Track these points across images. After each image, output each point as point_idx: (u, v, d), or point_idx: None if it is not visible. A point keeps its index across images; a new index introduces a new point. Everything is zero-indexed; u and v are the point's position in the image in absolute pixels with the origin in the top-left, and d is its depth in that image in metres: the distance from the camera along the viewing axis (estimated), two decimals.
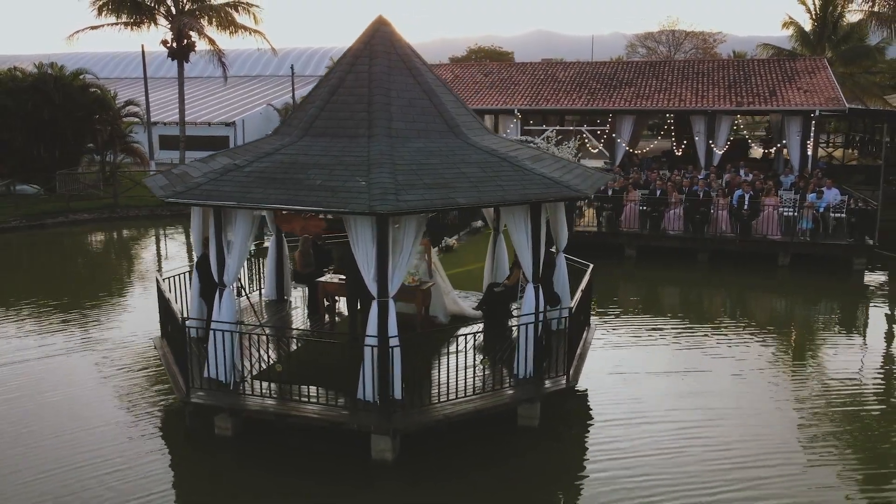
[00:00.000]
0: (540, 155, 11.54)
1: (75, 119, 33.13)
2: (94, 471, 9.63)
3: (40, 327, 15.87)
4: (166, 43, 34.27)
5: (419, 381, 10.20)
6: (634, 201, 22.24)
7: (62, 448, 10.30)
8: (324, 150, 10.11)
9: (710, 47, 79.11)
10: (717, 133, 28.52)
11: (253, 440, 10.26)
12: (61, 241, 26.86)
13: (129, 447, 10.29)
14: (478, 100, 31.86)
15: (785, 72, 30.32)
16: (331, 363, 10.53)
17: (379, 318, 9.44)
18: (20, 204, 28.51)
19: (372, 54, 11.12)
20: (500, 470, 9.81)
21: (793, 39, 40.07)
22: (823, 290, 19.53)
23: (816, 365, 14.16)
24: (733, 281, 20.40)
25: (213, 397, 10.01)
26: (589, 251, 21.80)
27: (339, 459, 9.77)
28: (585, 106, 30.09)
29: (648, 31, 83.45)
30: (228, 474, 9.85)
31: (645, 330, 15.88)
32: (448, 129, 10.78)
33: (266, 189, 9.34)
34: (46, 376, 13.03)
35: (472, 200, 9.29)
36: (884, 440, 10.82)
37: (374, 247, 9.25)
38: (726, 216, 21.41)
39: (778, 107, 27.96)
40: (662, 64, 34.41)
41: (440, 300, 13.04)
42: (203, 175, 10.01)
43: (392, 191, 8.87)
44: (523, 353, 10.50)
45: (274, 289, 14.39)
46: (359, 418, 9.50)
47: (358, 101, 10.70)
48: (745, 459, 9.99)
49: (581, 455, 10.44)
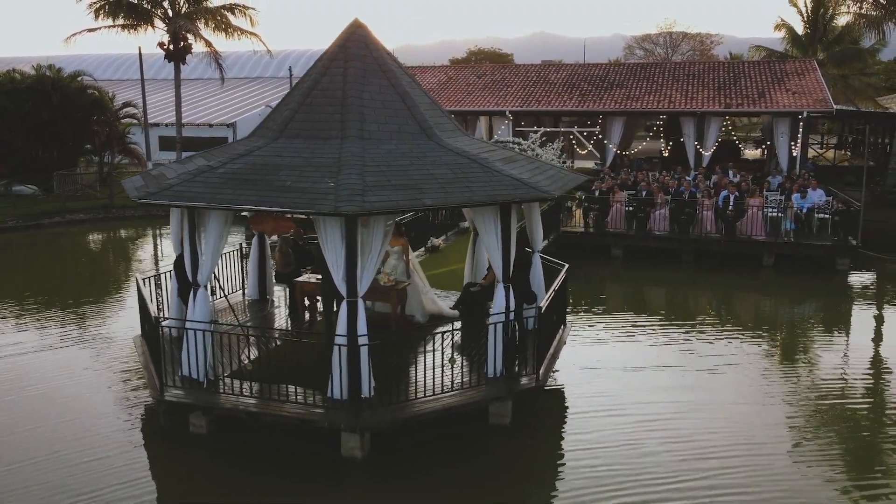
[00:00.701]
0: (513, 156, 11.57)
1: (73, 120, 33.22)
2: (64, 462, 9.80)
3: (29, 324, 15.98)
4: (163, 45, 34.31)
5: (390, 380, 10.22)
6: (621, 202, 22.26)
7: (39, 439, 10.45)
8: (297, 152, 10.15)
9: (707, 49, 79.12)
10: (707, 134, 28.52)
11: (227, 438, 10.30)
12: (57, 240, 26.94)
13: (103, 441, 10.37)
14: (470, 101, 31.89)
15: (774, 74, 30.31)
16: (305, 362, 10.57)
17: (348, 317, 9.48)
18: (17, 204, 28.61)
19: (347, 57, 11.16)
20: (469, 467, 9.85)
21: (785, 42, 40.02)
22: (806, 290, 19.53)
23: (790, 362, 14.21)
24: (717, 281, 20.42)
25: (187, 395, 10.06)
26: (576, 251, 22.00)
27: (312, 457, 9.80)
28: (576, 107, 30.11)
29: (646, 34, 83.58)
30: (202, 472, 9.92)
31: (624, 328, 15.94)
32: (420, 130, 10.81)
33: (237, 190, 9.39)
34: (31, 371, 13.17)
35: (439, 201, 9.33)
36: (849, 432, 10.94)
37: (343, 247, 9.30)
38: (712, 217, 21.43)
39: (766, 108, 27.95)
40: (653, 66, 34.40)
41: (418, 300, 13.07)
42: (177, 176, 10.07)
43: (359, 192, 8.90)
44: (493, 352, 10.52)
45: (256, 289, 14.43)
46: (328, 416, 9.53)
47: (332, 104, 10.74)
48: (709, 450, 10.22)
49: (551, 450, 10.52)
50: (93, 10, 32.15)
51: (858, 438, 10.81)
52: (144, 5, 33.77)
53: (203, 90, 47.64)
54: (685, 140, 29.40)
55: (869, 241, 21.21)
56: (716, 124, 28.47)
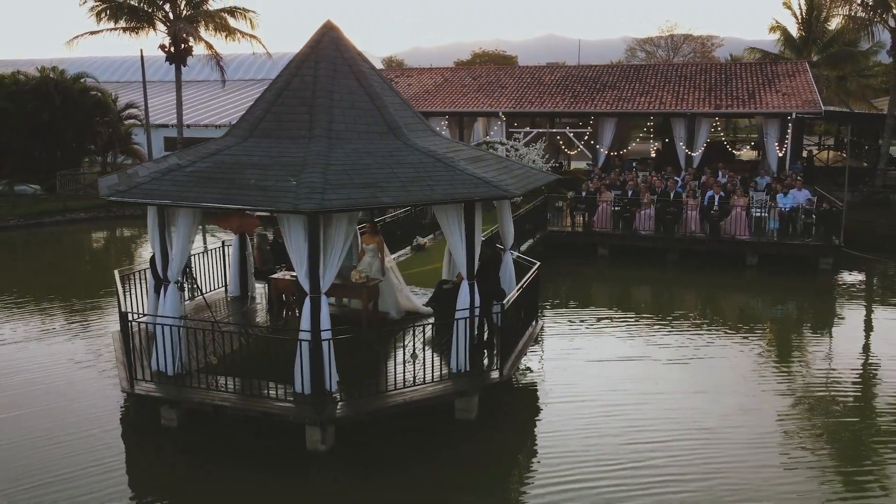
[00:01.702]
0: (481, 156, 11.64)
1: (75, 121, 33.47)
2: (32, 445, 10.15)
3: (19, 318, 16.27)
4: (164, 47, 34.53)
5: (356, 375, 10.28)
6: (607, 202, 22.26)
7: (15, 423, 10.81)
8: (264, 151, 10.24)
9: (708, 51, 78.80)
10: (696, 135, 28.47)
11: (197, 431, 10.40)
12: (56, 239, 27.18)
13: (74, 429, 10.59)
14: (465, 102, 31.95)
15: (766, 75, 30.23)
16: (276, 358, 10.64)
17: (311, 313, 9.57)
18: (18, 203, 28.85)
19: (318, 58, 11.26)
20: (433, 460, 9.95)
21: (779, 44, 39.86)
22: (788, 289, 19.50)
23: (764, 355, 14.30)
24: (701, 280, 20.39)
25: (155, 389, 10.17)
26: (563, 251, 22.06)
27: (279, 451, 9.88)
28: (568, 109, 30.12)
29: (648, 36, 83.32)
30: (169, 463, 10.04)
31: (602, 324, 16.01)
32: (389, 130, 10.89)
33: (202, 188, 9.49)
34: (14, 361, 13.51)
35: (398, 199, 9.41)
36: (806, 421, 11.12)
37: (306, 244, 9.38)
38: (697, 216, 21.41)
39: (755, 109, 27.90)
40: (646, 68, 34.37)
41: (393, 297, 13.15)
42: (148, 174, 10.18)
43: (319, 190, 8.99)
44: (458, 348, 10.59)
45: (238, 286, 14.55)
46: (291, 410, 9.62)
47: (301, 104, 10.84)
48: (663, 435, 10.52)
49: (515, 443, 10.63)
50: (94, 14, 32.36)
51: (818, 427, 10.96)
52: (145, 8, 33.98)
53: (205, 92, 47.88)
54: (676, 141, 29.38)
55: (854, 240, 21.13)
56: (706, 125, 28.42)
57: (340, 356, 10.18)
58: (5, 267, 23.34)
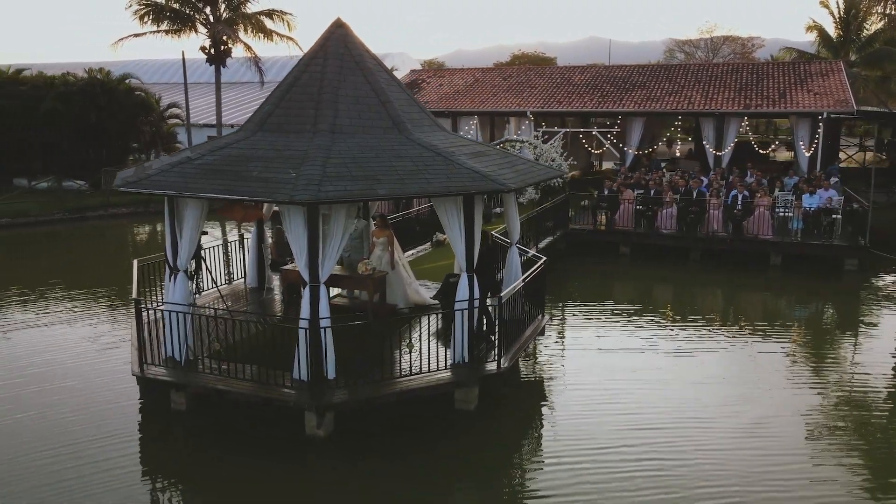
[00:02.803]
0: (485, 151, 11.64)
1: (119, 121, 34.39)
2: (48, 419, 10.64)
3: (55, 303, 16.97)
4: (205, 49, 35.23)
5: (355, 364, 10.37)
6: (630, 200, 22.01)
7: (35, 396, 11.42)
8: (270, 145, 10.42)
9: (748, 52, 77.14)
10: (725, 135, 27.94)
11: (204, 414, 10.64)
12: (100, 232, 28.06)
13: (86, 407, 11.04)
14: (494, 102, 31.92)
15: (798, 75, 29.50)
16: (283, 345, 10.80)
17: (310, 302, 9.70)
18: (64, 199, 29.80)
19: (326, 55, 11.41)
20: (429, 450, 9.98)
21: (817, 44, 38.85)
22: (811, 289, 19.04)
23: (776, 350, 14.09)
24: (721, 279, 20.02)
25: (163, 374, 10.42)
26: (584, 249, 21.91)
27: (281, 436, 10.03)
28: (596, 108, 29.84)
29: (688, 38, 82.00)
30: (176, 445, 10.31)
31: (610, 319, 15.94)
32: (392, 125, 10.97)
33: (207, 180, 9.70)
34: (46, 341, 14.26)
35: (393, 192, 9.49)
36: (788, 415, 10.97)
37: (305, 235, 9.51)
38: (719, 216, 21.04)
39: (786, 109, 27.25)
40: (677, 67, 33.85)
41: (402, 289, 13.23)
42: (159, 167, 10.45)
43: (316, 182, 9.12)
44: (457, 340, 10.61)
45: (255, 277, 14.80)
46: (290, 396, 9.77)
47: (308, 100, 10.99)
48: (648, 419, 10.73)
49: (514, 432, 10.64)
50: (137, 16, 33.21)
51: (817, 420, 10.85)
52: (187, 11, 34.72)
53: (244, 93, 48.74)
54: (704, 140, 28.91)
55: (882, 241, 20.54)
56: (735, 125, 27.86)
57: (343, 345, 10.31)
58: (49, 257, 24.15)
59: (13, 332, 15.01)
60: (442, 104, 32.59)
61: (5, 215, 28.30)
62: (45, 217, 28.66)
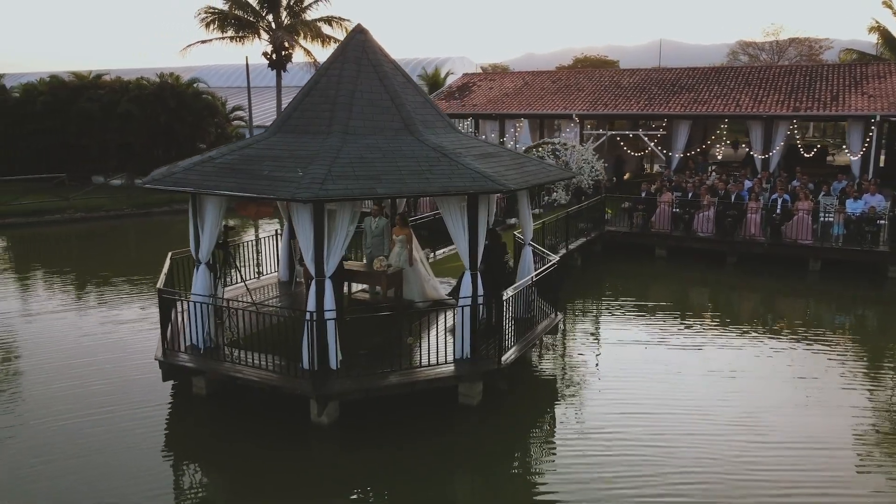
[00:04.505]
0: (495, 153, 11.66)
1: (187, 123, 35.79)
2: (79, 397, 11.41)
3: (108, 290, 18.01)
4: (267, 55, 36.28)
5: (360, 356, 10.56)
6: (668, 202, 21.55)
7: (70, 372, 12.32)
8: (286, 145, 10.74)
9: (815, 54, 74.11)
10: (773, 138, 26.98)
11: (223, 399, 11.05)
12: (166, 228, 29.27)
13: (116, 386, 11.74)
14: (541, 105, 31.71)
15: (853, 77, 28.18)
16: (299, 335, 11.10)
17: (316, 294, 9.96)
18: (132, 195, 31.22)
19: (345, 59, 11.66)
20: (429, 442, 10.06)
21: (880, 45, 36.99)
22: (850, 296, 18.22)
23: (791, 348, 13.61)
24: (757, 283, 19.37)
25: (182, 360, 10.86)
26: (620, 251, 21.60)
27: (290, 421, 10.31)
28: (641, 111, 29.27)
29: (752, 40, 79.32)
30: (193, 426, 10.78)
31: (631, 318, 15.67)
32: (404, 126, 11.13)
33: (222, 178, 10.08)
34: (89, 325, 15.32)
35: (393, 191, 9.64)
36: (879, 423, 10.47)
37: (311, 231, 9.77)
38: (757, 220, 20.37)
39: (837, 112, 26.08)
40: (727, 70, 32.84)
41: (419, 286, 13.37)
42: (184, 166, 10.90)
43: (319, 181, 9.35)
44: (460, 335, 10.68)
45: (287, 271, 15.21)
46: (296, 384, 10.03)
47: (325, 102, 11.26)
48: (641, 406, 11.01)
49: (516, 426, 10.67)
50: (204, 24, 34.46)
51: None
52: (250, 18, 35.83)
53: None
54: (752, 144, 27.99)
55: None
56: (783, 129, 26.83)
57: (352, 337, 10.53)
58: (112, 248, 25.43)
59: (66, 312, 16.12)
60: (489, 107, 32.59)
61: (81, 209, 30.03)
62: (116, 211, 30.26)
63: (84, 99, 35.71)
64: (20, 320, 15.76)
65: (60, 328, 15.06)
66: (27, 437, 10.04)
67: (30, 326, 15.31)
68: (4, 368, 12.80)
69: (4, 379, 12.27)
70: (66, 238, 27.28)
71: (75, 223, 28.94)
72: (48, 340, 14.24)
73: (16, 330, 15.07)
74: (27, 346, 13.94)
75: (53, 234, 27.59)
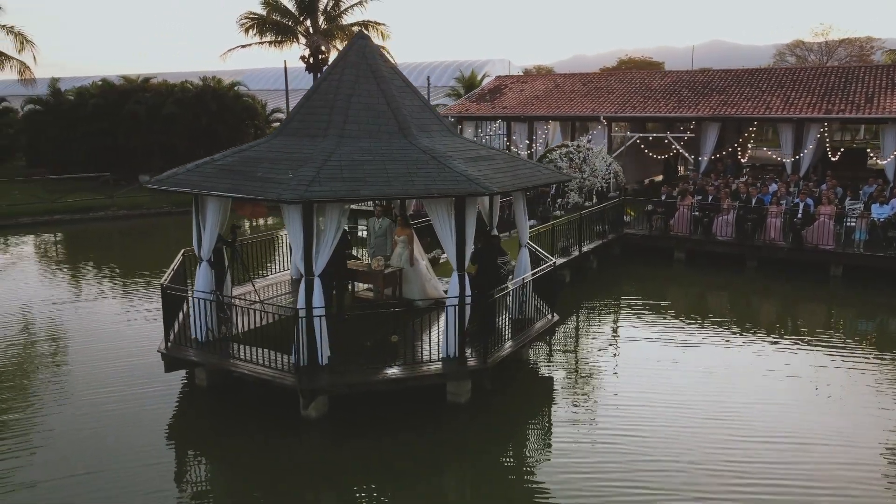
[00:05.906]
0: (489, 156, 11.72)
1: (228, 125, 36.72)
2: (88, 381, 12.10)
3: (134, 284, 18.55)
4: (304, 58, 36.96)
5: (354, 351, 10.76)
6: (688, 205, 21.23)
7: (82, 361, 13.04)
8: (284, 148, 11.02)
9: (865, 54, 71.73)
10: (805, 141, 26.25)
11: (222, 390, 11.41)
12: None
13: (122, 376, 12.30)
14: (569, 107, 31.51)
15: (891, 78, 27.23)
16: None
17: (305, 292, 10.19)
18: (172, 194, 32.04)
19: (345, 65, 11.90)
20: (415, 437, 10.19)
21: None
22: (870, 302, 17.64)
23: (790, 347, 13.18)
24: (776, 288, 18.90)
25: (182, 353, 11.23)
26: (639, 253, 21.36)
27: (282, 414, 10.57)
28: (669, 113, 28.81)
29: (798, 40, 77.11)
30: (193, 414, 11.15)
31: (634, 320, 15.50)
32: (398, 130, 11.28)
33: (219, 179, 10.42)
34: (106, 316, 16.14)
35: (377, 193, 9.81)
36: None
37: (301, 231, 10.01)
38: (778, 224, 19.90)
39: (869, 114, 25.23)
40: (760, 72, 32.01)
41: (420, 285, 13.52)
42: (188, 168, 11.29)
43: (305, 183, 9.59)
44: (448, 334, 10.79)
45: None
46: (286, 378, 10.29)
47: (324, 106, 11.51)
48: (631, 399, 11.28)
49: (503, 424, 10.74)
50: (243, 28, 35.30)
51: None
52: (288, 23, 36.55)
53: None
54: (782, 147, 27.29)
55: None
56: (814, 131, 26.07)
57: (344, 334, 10.75)
58: (148, 243, 26.33)
59: (93, 302, 17.02)
60: (518, 109, 32.53)
61: (124, 207, 31.18)
62: (155, 210, 31.26)
63: (132, 102, 36.97)
64: (48, 308, 16.73)
65: (85, 316, 16.18)
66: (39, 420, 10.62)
67: (63, 313, 16.55)
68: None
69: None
70: (109, 235, 28.34)
71: (118, 220, 30.07)
72: (78, 329, 15.36)
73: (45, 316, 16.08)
74: (53, 331, 15.22)
75: (97, 230, 28.71)
